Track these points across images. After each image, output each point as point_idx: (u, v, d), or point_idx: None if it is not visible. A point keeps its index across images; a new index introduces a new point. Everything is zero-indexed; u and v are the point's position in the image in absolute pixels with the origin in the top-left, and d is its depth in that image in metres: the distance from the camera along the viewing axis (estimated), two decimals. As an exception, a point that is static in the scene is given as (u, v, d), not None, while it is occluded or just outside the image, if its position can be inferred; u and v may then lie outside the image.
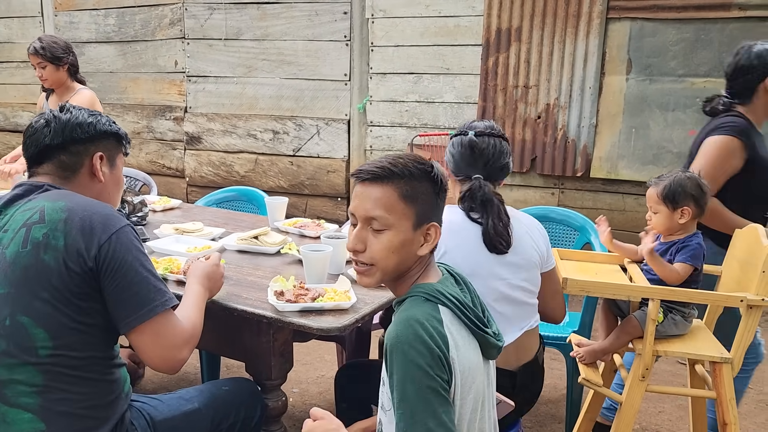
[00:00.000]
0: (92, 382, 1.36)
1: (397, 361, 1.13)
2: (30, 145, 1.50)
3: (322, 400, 2.93)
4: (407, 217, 1.22)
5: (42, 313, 1.30)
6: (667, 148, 4.33)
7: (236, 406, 1.65)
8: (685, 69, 4.20)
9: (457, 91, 4.86)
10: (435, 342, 1.13)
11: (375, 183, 1.23)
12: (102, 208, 1.39)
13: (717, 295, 1.97)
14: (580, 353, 2.13)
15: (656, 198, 2.06)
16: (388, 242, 1.22)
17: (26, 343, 1.30)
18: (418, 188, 1.23)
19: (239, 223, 2.64)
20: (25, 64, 6.39)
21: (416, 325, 1.14)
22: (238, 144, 5.67)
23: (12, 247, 1.33)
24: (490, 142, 1.81)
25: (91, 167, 1.52)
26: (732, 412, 1.93)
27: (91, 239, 1.33)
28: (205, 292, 1.63)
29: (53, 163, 1.49)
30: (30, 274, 1.31)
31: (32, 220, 1.34)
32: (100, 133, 1.54)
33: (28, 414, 1.29)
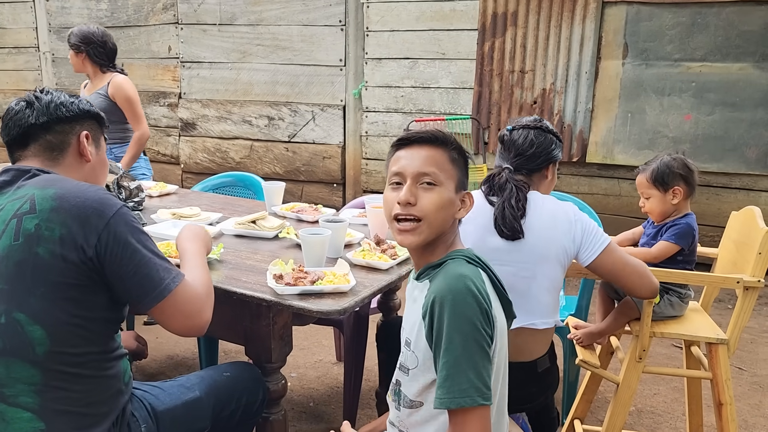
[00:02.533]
0: (92, 379, 1.33)
1: (447, 311, 1.17)
2: (12, 127, 1.44)
3: (321, 384, 2.95)
4: (453, 178, 1.32)
5: (38, 310, 1.26)
6: (663, 132, 4.33)
7: (238, 392, 1.64)
8: (682, 53, 4.20)
9: (453, 77, 4.84)
10: (484, 298, 1.19)
11: (426, 145, 1.32)
12: (94, 193, 1.33)
13: (714, 276, 1.99)
14: (578, 335, 2.14)
15: (646, 183, 2.09)
16: (439, 197, 1.29)
17: (23, 342, 1.25)
18: (458, 157, 1.35)
19: (236, 208, 2.64)
20: (17, 50, 6.34)
21: (467, 280, 1.20)
22: (233, 130, 5.64)
23: (4, 240, 1.28)
24: (522, 134, 1.84)
25: (78, 147, 1.48)
26: (728, 393, 1.95)
27: (89, 227, 1.28)
28: (201, 248, 1.63)
29: (39, 144, 1.44)
30: (24, 269, 1.26)
31: (23, 210, 1.29)
32: (84, 112, 1.51)
33: (27, 413, 1.26)
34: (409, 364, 1.30)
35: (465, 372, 1.14)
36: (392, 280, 1.84)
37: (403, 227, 1.30)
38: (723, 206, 4.28)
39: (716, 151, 4.23)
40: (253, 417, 1.70)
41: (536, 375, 1.81)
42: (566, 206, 1.80)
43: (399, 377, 1.35)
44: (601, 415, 2.69)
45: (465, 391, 1.13)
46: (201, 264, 1.55)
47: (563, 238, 1.75)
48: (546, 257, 1.74)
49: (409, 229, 1.29)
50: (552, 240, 1.75)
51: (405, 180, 1.30)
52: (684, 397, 2.64)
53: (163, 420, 1.48)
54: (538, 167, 1.84)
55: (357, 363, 2.55)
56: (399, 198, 1.29)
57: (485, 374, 1.16)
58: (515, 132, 1.85)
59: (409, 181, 1.29)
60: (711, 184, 4.30)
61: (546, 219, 1.76)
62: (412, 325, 1.29)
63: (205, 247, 1.67)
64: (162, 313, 1.37)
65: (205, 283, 1.48)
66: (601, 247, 1.74)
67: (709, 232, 4.21)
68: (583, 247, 1.76)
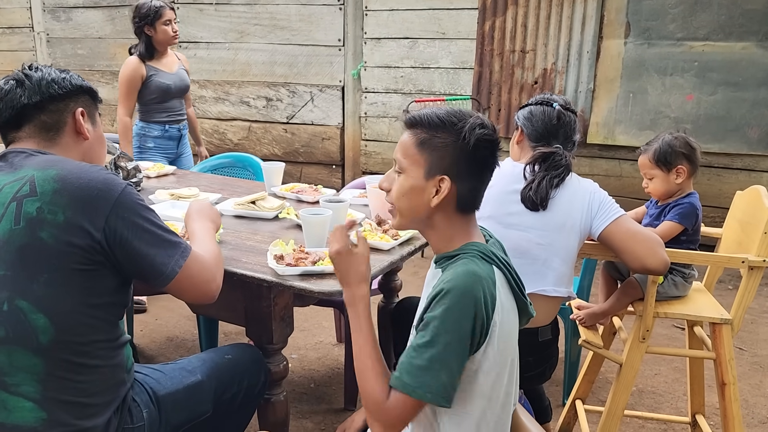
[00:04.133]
0: (96, 369, 1.30)
1: (447, 305, 1.15)
2: (4, 109, 1.38)
3: (321, 365, 2.94)
4: (418, 164, 1.25)
5: (42, 297, 1.22)
6: (665, 113, 4.30)
7: (239, 374, 1.63)
8: (684, 32, 4.15)
9: (453, 56, 4.79)
10: (485, 304, 1.16)
11: (405, 129, 1.30)
12: (97, 173, 1.30)
13: (718, 256, 1.97)
14: (581, 316, 2.13)
15: (649, 163, 2.07)
16: (399, 185, 1.28)
17: (25, 330, 1.22)
18: (435, 139, 1.24)
19: (235, 188, 2.61)
20: (10, 30, 6.26)
21: (476, 280, 1.17)
22: (230, 111, 5.60)
23: (3, 224, 1.23)
24: (572, 117, 1.90)
25: (74, 125, 1.44)
26: (731, 373, 1.94)
27: (94, 210, 1.25)
28: (208, 224, 1.64)
29: (34, 124, 1.39)
30: (26, 254, 1.22)
31: (22, 192, 1.24)
32: (77, 88, 1.45)
33: (29, 403, 1.23)
34: None
35: (438, 373, 1.14)
36: (394, 260, 1.82)
37: (389, 209, 1.34)
38: (724, 187, 4.26)
39: (718, 131, 4.20)
40: (255, 399, 1.69)
41: (537, 344, 1.85)
42: (586, 182, 1.88)
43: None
44: (602, 395, 2.69)
45: (429, 387, 1.14)
46: (206, 237, 1.57)
47: (580, 210, 1.81)
48: (563, 226, 1.80)
49: (390, 210, 1.34)
50: (570, 212, 1.80)
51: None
52: (685, 378, 2.64)
53: (165, 404, 1.46)
54: (571, 151, 1.93)
55: (358, 344, 2.54)
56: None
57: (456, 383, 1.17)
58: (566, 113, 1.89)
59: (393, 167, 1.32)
60: (712, 164, 4.27)
61: (568, 192, 1.81)
62: (423, 309, 1.26)
63: (212, 223, 1.68)
64: (176, 287, 1.38)
65: (211, 252, 1.49)
66: (614, 216, 1.79)
67: (710, 213, 4.19)
68: (597, 217, 1.81)
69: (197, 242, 1.54)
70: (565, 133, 1.89)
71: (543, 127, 1.89)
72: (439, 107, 1.28)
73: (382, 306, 2.49)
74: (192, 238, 1.58)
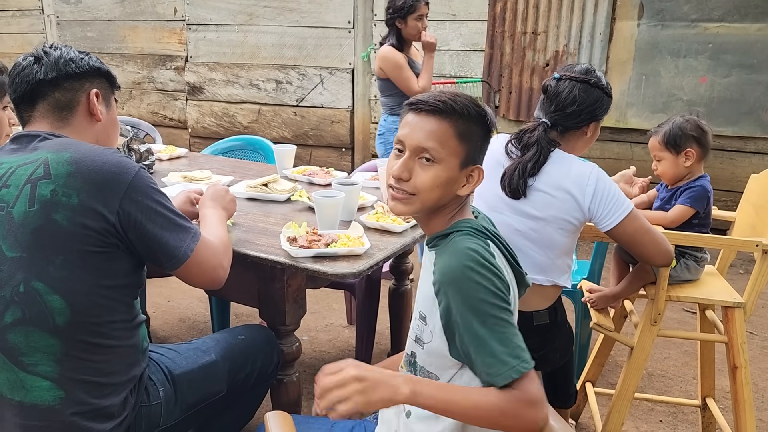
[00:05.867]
0: (112, 349, 1.32)
1: (459, 296, 1.12)
2: (20, 83, 1.38)
3: (332, 347, 2.97)
4: (457, 155, 1.21)
5: (57, 279, 1.23)
6: (678, 95, 4.26)
7: (253, 355, 1.65)
8: (699, 13, 4.10)
9: (464, 38, 4.75)
10: (496, 269, 1.14)
11: (433, 115, 1.21)
12: (111, 156, 1.30)
13: (732, 239, 1.96)
14: (592, 299, 2.13)
15: (659, 145, 2.05)
16: (435, 176, 1.21)
17: (42, 312, 1.23)
18: (471, 129, 1.22)
19: (247, 171, 2.61)
20: (21, 13, 6.26)
21: (474, 253, 1.14)
22: (240, 94, 5.59)
23: (19, 206, 1.24)
24: (567, 87, 1.76)
25: (87, 105, 1.43)
26: (743, 356, 1.94)
27: (108, 193, 1.25)
28: (221, 211, 1.65)
29: (47, 102, 1.39)
30: (41, 236, 1.22)
31: (37, 174, 1.25)
32: (93, 69, 1.44)
33: (47, 382, 1.25)
34: (424, 338, 1.25)
35: (499, 347, 1.09)
36: (406, 243, 1.82)
37: (395, 194, 1.25)
38: (737, 170, 4.23)
39: (731, 114, 4.16)
40: (268, 379, 1.71)
41: (532, 328, 1.80)
42: (583, 169, 1.73)
43: (414, 349, 1.29)
44: (611, 378, 2.70)
45: (508, 363, 1.08)
46: (219, 223, 1.58)
47: (568, 203, 1.72)
48: (543, 218, 1.73)
49: (400, 198, 1.24)
50: (552, 203, 1.72)
51: (405, 150, 1.23)
52: (695, 361, 2.64)
53: (180, 383, 1.48)
54: (577, 125, 1.78)
55: (369, 326, 2.56)
56: (392, 171, 1.23)
57: (515, 341, 1.10)
58: (561, 83, 1.77)
59: (407, 154, 1.22)
60: (725, 148, 4.24)
61: (554, 181, 1.73)
62: (425, 297, 1.24)
63: (224, 210, 1.68)
64: (184, 272, 1.40)
65: (221, 238, 1.51)
66: (624, 213, 1.70)
67: (723, 197, 4.17)
68: (600, 213, 1.72)
69: (207, 228, 1.55)
70: (557, 105, 1.76)
71: (539, 101, 1.83)
72: (442, 92, 1.24)
73: (393, 289, 2.50)
74: (202, 223, 1.59)
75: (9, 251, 1.24)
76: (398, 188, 1.23)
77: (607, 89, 1.80)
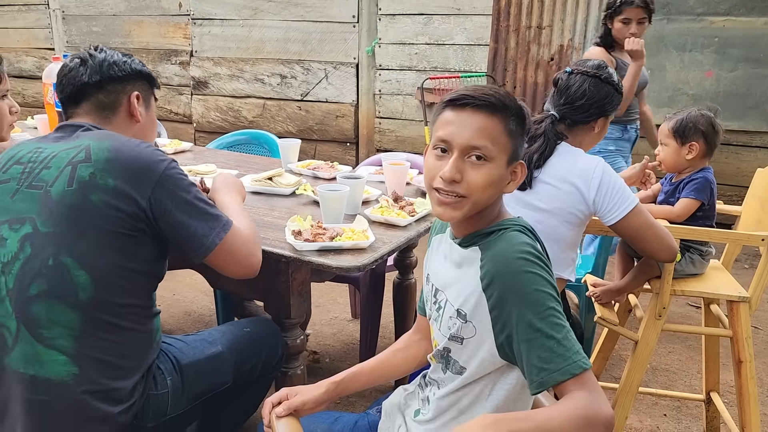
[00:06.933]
0: (129, 332, 1.36)
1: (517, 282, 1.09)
2: (66, 84, 1.49)
3: (336, 341, 2.98)
4: (506, 151, 1.17)
5: (86, 256, 1.29)
6: (683, 90, 4.24)
7: (258, 347, 1.66)
8: (705, 7, 4.08)
9: (468, 33, 4.74)
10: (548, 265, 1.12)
11: (482, 111, 1.15)
12: (146, 147, 1.39)
13: (737, 233, 1.96)
14: (597, 293, 2.13)
15: (667, 132, 2.07)
16: (488, 175, 1.15)
17: (67, 285, 1.28)
18: (518, 125, 1.19)
19: (252, 165, 2.62)
20: (27, 7, 6.26)
21: (532, 248, 1.12)
22: (245, 89, 5.59)
23: (57, 186, 1.31)
24: (578, 81, 1.77)
25: (128, 107, 1.53)
26: (748, 350, 1.94)
27: (142, 180, 1.33)
28: (236, 197, 1.67)
29: (91, 102, 1.49)
30: (76, 214, 1.29)
31: (78, 158, 1.32)
32: (136, 72, 1.55)
33: (63, 357, 1.28)
34: (464, 334, 1.20)
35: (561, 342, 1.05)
36: (411, 236, 1.83)
37: (443, 199, 1.16)
38: (743, 165, 4.21)
39: (737, 108, 4.14)
40: (273, 372, 1.72)
41: None
42: (589, 163, 1.74)
43: (449, 345, 1.24)
44: (615, 372, 2.70)
45: (578, 354, 1.06)
46: (238, 210, 1.60)
47: (573, 196, 1.72)
48: (548, 210, 1.74)
49: (450, 202, 1.16)
50: (557, 196, 1.73)
51: (451, 150, 1.15)
52: (699, 356, 2.65)
53: (188, 373, 1.50)
54: (585, 120, 1.80)
55: (373, 320, 2.57)
56: (443, 173, 1.14)
57: (572, 338, 1.08)
58: (572, 77, 1.79)
59: (455, 154, 1.14)
60: (731, 142, 4.22)
61: (559, 173, 1.74)
62: (466, 296, 1.19)
63: (239, 195, 1.70)
64: (216, 260, 1.43)
65: (250, 227, 1.54)
66: (628, 208, 1.71)
67: (728, 191, 4.16)
68: (605, 206, 1.73)
69: (233, 216, 1.55)
70: (567, 98, 1.79)
71: (552, 94, 1.84)
72: (480, 86, 1.19)
73: (398, 282, 2.51)
74: (225, 212, 1.59)
75: (42, 226, 1.30)
76: (448, 191, 1.16)
77: (617, 86, 1.81)
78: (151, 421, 1.43)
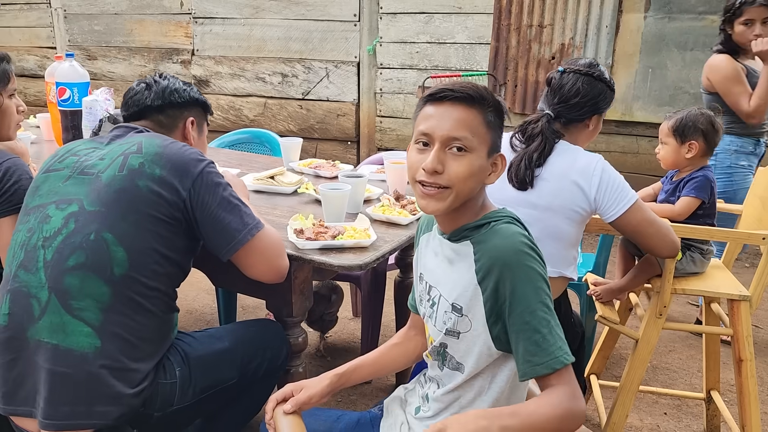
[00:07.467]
0: (152, 315, 1.42)
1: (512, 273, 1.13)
2: (131, 105, 1.63)
3: (337, 339, 2.98)
4: (486, 143, 1.20)
5: (126, 234, 1.38)
6: (684, 88, 4.24)
7: (263, 347, 1.68)
8: (707, 6, 4.08)
9: (470, 31, 4.75)
10: (540, 257, 1.16)
11: (461, 104, 1.18)
12: (193, 150, 1.52)
13: (738, 232, 1.96)
14: (597, 292, 2.13)
15: (666, 130, 2.09)
16: (469, 165, 1.18)
17: (104, 259, 1.36)
18: (496, 118, 1.22)
19: (253, 164, 2.63)
20: (29, 6, 6.27)
21: (525, 239, 1.16)
22: (246, 87, 5.60)
23: (109, 171, 1.43)
24: (571, 80, 1.79)
25: (183, 130, 1.67)
26: (748, 349, 1.94)
27: (185, 173, 1.44)
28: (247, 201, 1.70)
29: (152, 120, 1.63)
30: (123, 196, 1.40)
31: (130, 150, 1.46)
32: (193, 100, 1.69)
33: (88, 328, 1.34)
34: (460, 329, 1.23)
35: (546, 337, 1.11)
36: (412, 235, 1.83)
37: (427, 192, 1.19)
38: (744, 164, 4.21)
39: (739, 107, 4.14)
40: (278, 371, 1.73)
41: None
42: (589, 160, 1.75)
43: (445, 340, 1.27)
44: (615, 371, 2.71)
45: (561, 349, 1.11)
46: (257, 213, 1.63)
47: (574, 193, 1.73)
48: (550, 207, 1.74)
49: (433, 194, 1.19)
50: (559, 193, 1.74)
51: (432, 143, 1.18)
52: (700, 354, 2.65)
53: (196, 366, 1.53)
54: (580, 118, 1.81)
55: (374, 318, 2.58)
56: (425, 164, 1.17)
57: (558, 332, 1.13)
58: (565, 76, 1.80)
59: (437, 146, 1.17)
60: (732, 141, 4.22)
61: (560, 170, 1.74)
62: (457, 287, 1.22)
63: (244, 196, 1.73)
64: (245, 257, 1.51)
65: (277, 233, 1.60)
66: (627, 204, 1.71)
67: (729, 191, 4.15)
68: (605, 203, 1.73)
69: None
70: (560, 97, 1.80)
71: (546, 93, 1.85)
72: (458, 81, 1.22)
73: (399, 281, 2.51)
74: None
75: (89, 206, 1.41)
76: (430, 183, 1.18)
77: (610, 83, 1.82)
78: (158, 410, 1.45)
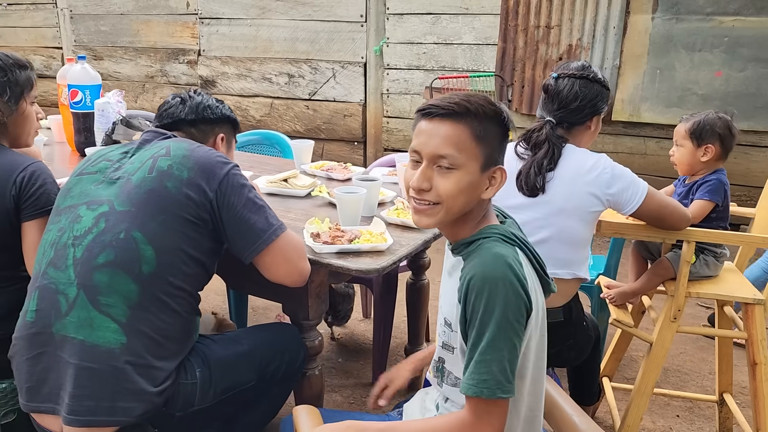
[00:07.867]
0: (177, 315, 1.45)
1: (483, 300, 1.10)
2: (165, 117, 1.68)
3: (349, 341, 2.99)
4: (476, 158, 1.17)
5: (155, 233, 1.42)
6: (693, 90, 4.24)
7: (281, 350, 1.69)
8: (714, 7, 4.08)
9: (477, 32, 4.74)
10: (522, 284, 1.12)
11: (446, 120, 1.16)
12: (218, 154, 1.55)
13: (752, 236, 1.97)
14: (611, 295, 2.14)
15: (683, 133, 2.08)
16: (457, 182, 1.16)
17: (133, 258, 1.39)
18: (489, 130, 1.18)
19: (265, 166, 2.63)
20: (35, 7, 6.28)
21: (506, 264, 1.12)
22: (253, 88, 5.60)
23: (139, 174, 1.47)
24: (568, 85, 1.80)
25: (213, 145, 1.71)
26: (763, 353, 1.95)
27: (211, 175, 1.47)
28: None
29: (184, 132, 1.68)
30: (152, 197, 1.44)
31: (159, 153, 1.50)
32: (224, 117, 1.74)
33: (115, 324, 1.36)
34: (453, 344, 1.24)
35: (489, 364, 1.09)
36: (428, 238, 1.84)
37: (418, 207, 1.21)
38: (752, 165, 4.21)
39: (747, 108, 4.13)
40: (295, 374, 1.75)
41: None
42: (598, 161, 1.78)
43: (442, 354, 1.28)
44: (627, 373, 2.71)
45: (485, 382, 1.09)
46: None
47: (586, 194, 1.75)
48: (564, 210, 1.76)
49: (424, 209, 1.20)
50: (572, 195, 1.75)
51: (422, 160, 1.18)
52: (711, 356, 2.65)
53: (215, 368, 1.54)
54: (581, 120, 1.83)
55: (386, 320, 2.58)
56: (411, 182, 1.19)
57: (509, 368, 1.10)
58: (560, 81, 1.81)
59: (424, 163, 1.18)
60: (740, 142, 4.16)
61: (571, 173, 1.76)
62: (450, 305, 1.23)
63: None
64: (268, 259, 1.53)
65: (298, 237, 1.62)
66: (642, 195, 1.77)
67: (737, 192, 4.15)
68: (620, 200, 1.77)
69: None
70: (560, 102, 1.81)
71: (541, 101, 1.87)
72: (454, 94, 1.20)
73: (411, 283, 2.52)
74: None
75: (119, 206, 1.44)
76: (420, 200, 1.20)
77: (604, 82, 1.86)
78: (180, 410, 1.47)
